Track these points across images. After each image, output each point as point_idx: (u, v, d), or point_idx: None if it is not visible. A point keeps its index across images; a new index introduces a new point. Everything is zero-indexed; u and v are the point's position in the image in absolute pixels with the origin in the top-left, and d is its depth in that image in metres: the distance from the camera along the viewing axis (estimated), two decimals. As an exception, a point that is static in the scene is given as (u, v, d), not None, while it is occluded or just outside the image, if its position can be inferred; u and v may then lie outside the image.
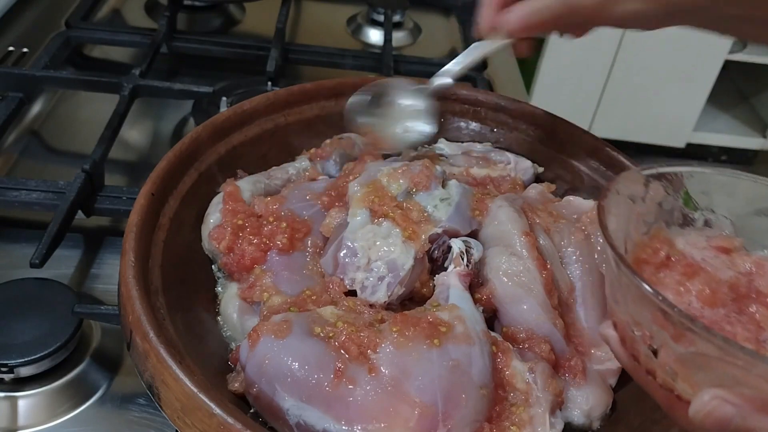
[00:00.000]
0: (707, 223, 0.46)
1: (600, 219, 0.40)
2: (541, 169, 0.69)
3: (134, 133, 0.85)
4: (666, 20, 0.49)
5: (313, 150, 0.66)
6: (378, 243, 0.52)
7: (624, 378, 0.53)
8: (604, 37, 2.16)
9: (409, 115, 0.60)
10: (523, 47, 0.57)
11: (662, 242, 0.44)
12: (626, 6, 0.48)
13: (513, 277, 0.52)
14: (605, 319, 0.42)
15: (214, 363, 0.49)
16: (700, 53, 2.23)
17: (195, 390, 0.42)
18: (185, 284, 0.53)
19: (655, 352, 0.37)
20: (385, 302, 0.51)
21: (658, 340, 0.36)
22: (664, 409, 0.38)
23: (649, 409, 0.50)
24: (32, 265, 0.59)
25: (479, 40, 0.58)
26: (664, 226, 0.45)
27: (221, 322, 0.54)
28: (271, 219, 0.56)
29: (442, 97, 0.71)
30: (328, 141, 0.67)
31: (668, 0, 0.47)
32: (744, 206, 0.46)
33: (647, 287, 0.35)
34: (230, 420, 0.40)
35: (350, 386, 0.43)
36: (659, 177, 0.45)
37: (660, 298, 0.35)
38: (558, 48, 2.20)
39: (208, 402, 0.41)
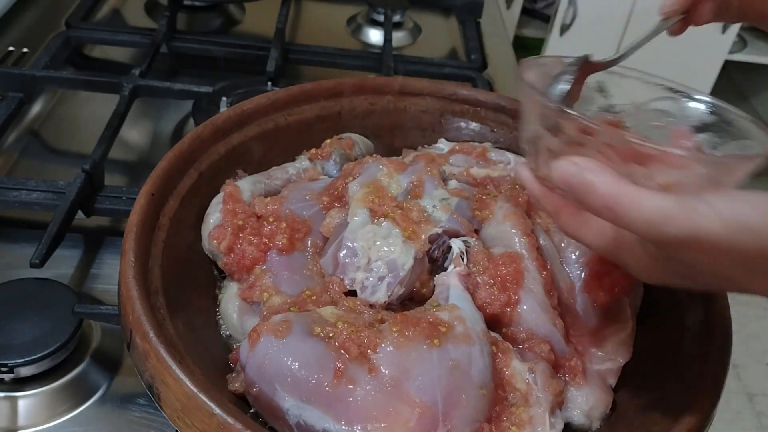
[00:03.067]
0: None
1: (520, 72, 0.47)
2: (541, 169, 0.69)
3: (134, 133, 0.85)
4: None
5: (313, 150, 0.66)
6: (378, 243, 0.52)
7: (624, 378, 0.53)
8: (603, 36, 2.16)
9: None
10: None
11: None
12: None
13: (513, 277, 0.52)
14: (521, 164, 0.48)
15: (214, 363, 0.49)
16: (700, 53, 2.23)
17: (195, 390, 0.42)
18: (185, 284, 0.53)
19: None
20: (385, 302, 0.51)
21: (543, 142, 0.44)
22: (553, 217, 0.46)
23: (649, 408, 0.50)
24: (32, 265, 0.59)
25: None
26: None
27: (221, 322, 0.54)
28: (271, 219, 0.56)
29: (442, 97, 0.72)
30: (328, 141, 0.67)
31: None
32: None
33: (539, 95, 0.43)
34: (230, 420, 0.41)
35: (350, 386, 0.43)
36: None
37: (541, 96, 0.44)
38: (558, 48, 2.20)
39: (208, 402, 0.41)
